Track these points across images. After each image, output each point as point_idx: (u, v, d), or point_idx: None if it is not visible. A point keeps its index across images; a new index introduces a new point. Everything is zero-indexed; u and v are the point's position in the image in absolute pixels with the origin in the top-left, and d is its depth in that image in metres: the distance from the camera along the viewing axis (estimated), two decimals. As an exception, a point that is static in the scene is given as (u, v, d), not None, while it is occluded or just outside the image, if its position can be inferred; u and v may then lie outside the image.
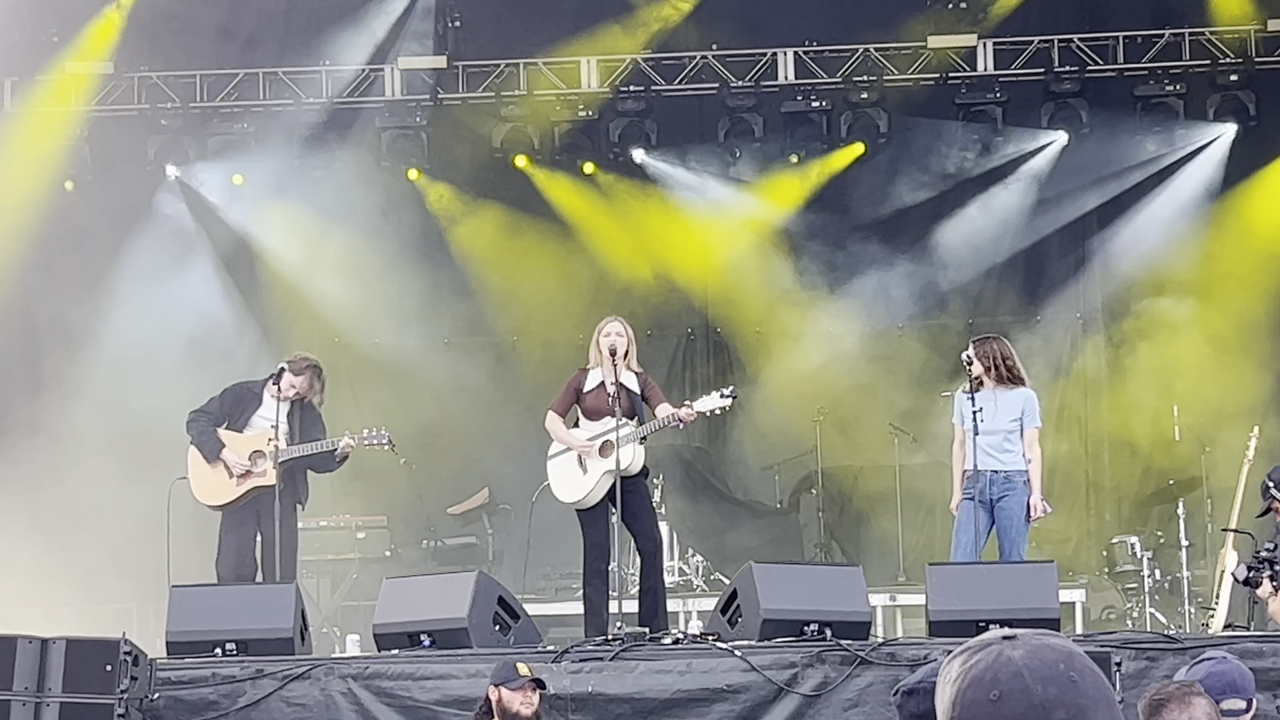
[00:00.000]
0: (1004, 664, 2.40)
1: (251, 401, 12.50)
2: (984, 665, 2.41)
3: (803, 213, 17.61)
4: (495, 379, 17.72)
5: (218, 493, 12.40)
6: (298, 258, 17.69)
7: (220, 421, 12.53)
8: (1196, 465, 15.63)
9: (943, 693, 2.45)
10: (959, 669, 2.43)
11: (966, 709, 2.39)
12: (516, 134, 17.49)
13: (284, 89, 17.34)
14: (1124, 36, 16.97)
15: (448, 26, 17.41)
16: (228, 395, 12.63)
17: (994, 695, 2.38)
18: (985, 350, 12.23)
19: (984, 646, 2.44)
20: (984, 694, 2.38)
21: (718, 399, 11.59)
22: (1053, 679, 2.38)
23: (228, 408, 12.56)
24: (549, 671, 10.00)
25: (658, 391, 11.77)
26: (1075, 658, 2.43)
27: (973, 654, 2.44)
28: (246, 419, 12.48)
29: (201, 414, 12.54)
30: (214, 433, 12.44)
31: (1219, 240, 17.05)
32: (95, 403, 16.41)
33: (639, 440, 11.48)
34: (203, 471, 12.42)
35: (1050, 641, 2.44)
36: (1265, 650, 10.05)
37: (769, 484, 17.63)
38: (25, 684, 9.91)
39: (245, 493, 12.34)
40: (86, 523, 15.41)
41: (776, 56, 17.32)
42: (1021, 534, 12.17)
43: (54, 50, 17.14)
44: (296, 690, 10.41)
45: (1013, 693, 2.37)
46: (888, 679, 10.17)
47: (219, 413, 12.55)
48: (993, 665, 2.40)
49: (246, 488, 12.34)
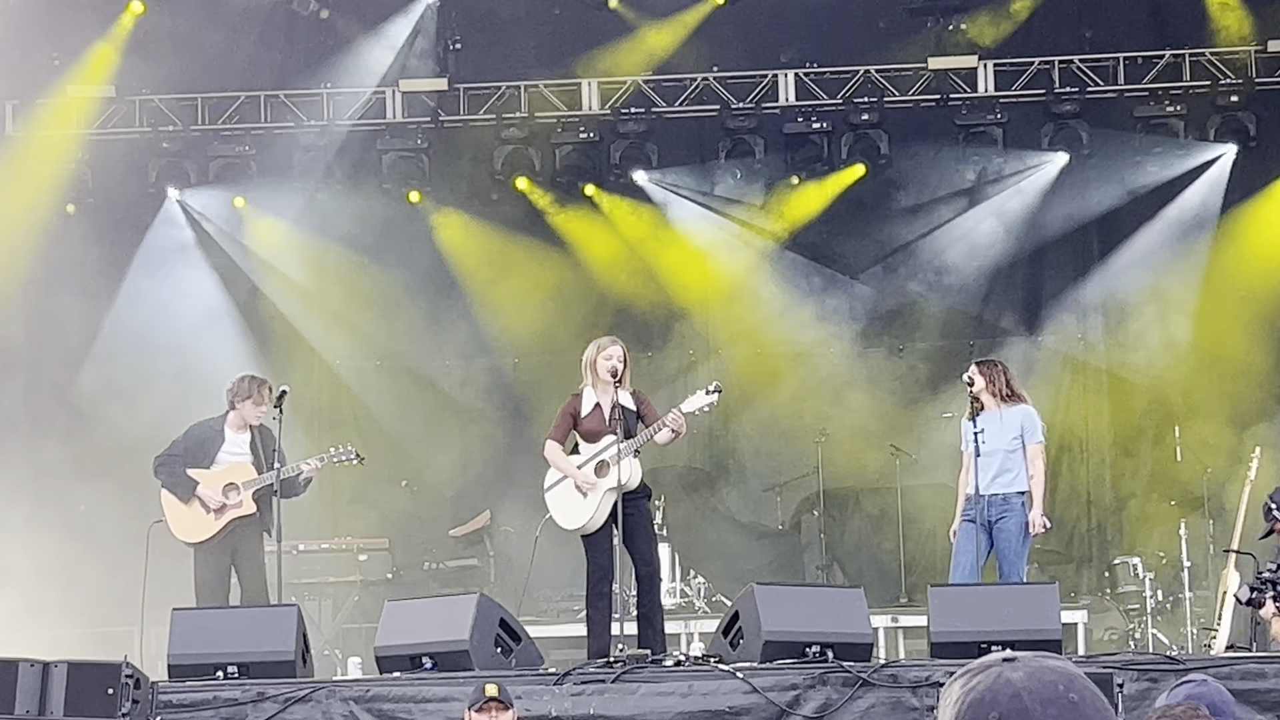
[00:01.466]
0: (1003, 685, 2.40)
1: (214, 439, 12.62)
2: (983, 687, 2.41)
3: (803, 234, 17.61)
4: (495, 400, 17.73)
5: (198, 530, 12.51)
6: (298, 280, 17.70)
7: (187, 461, 12.61)
8: (1198, 486, 15.62)
9: (944, 715, 2.45)
10: (959, 691, 2.44)
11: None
12: (517, 156, 17.51)
13: (285, 112, 17.37)
14: (1124, 57, 17.00)
15: (449, 49, 17.43)
16: (190, 435, 12.75)
17: (993, 717, 2.38)
18: (986, 370, 12.27)
19: (984, 669, 2.45)
20: (983, 714, 2.39)
21: (703, 397, 11.58)
22: (1052, 700, 2.39)
23: (192, 447, 12.65)
24: (551, 694, 9.98)
25: (653, 409, 11.76)
26: (1075, 680, 2.43)
27: (972, 676, 2.44)
28: (212, 456, 12.59)
29: (168, 457, 12.67)
30: (184, 473, 12.54)
31: (1220, 260, 17.05)
32: (96, 425, 16.42)
33: (633, 453, 11.47)
34: (179, 512, 12.54)
35: (1050, 664, 2.44)
36: (1268, 671, 10.04)
37: (770, 505, 17.62)
38: (27, 707, 9.90)
39: (224, 525, 12.43)
40: (88, 545, 15.40)
41: (777, 78, 17.34)
42: (1020, 555, 12.17)
43: (55, 73, 17.16)
44: (298, 713, 10.39)
45: (1011, 714, 2.38)
46: (890, 701, 10.16)
47: (184, 453, 12.64)
48: (992, 687, 2.40)
49: (225, 520, 12.45)
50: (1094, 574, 16.74)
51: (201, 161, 17.51)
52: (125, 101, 17.27)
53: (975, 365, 12.39)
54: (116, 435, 16.07)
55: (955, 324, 17.63)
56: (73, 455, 16.13)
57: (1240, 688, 9.73)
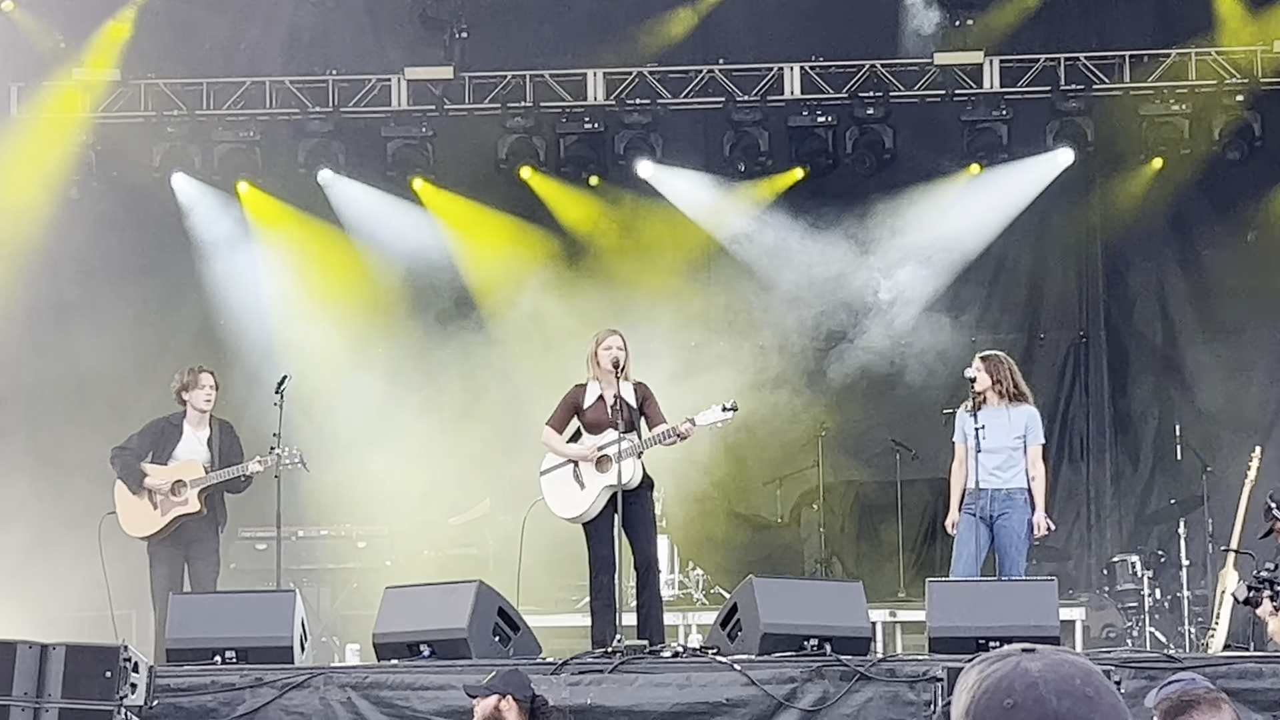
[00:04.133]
0: (1020, 674, 2.42)
1: (172, 435, 12.67)
2: (1000, 674, 2.43)
3: (806, 227, 17.59)
4: (496, 390, 17.70)
5: (144, 524, 12.55)
6: (302, 267, 17.68)
7: (143, 456, 12.64)
8: (1198, 484, 15.61)
9: (959, 700, 2.47)
10: (976, 677, 2.46)
11: (980, 714, 2.41)
12: (522, 145, 17.50)
13: (290, 98, 17.36)
14: (1130, 55, 16.99)
15: (454, 37, 17.42)
16: (148, 430, 12.82)
17: (1008, 704, 2.39)
18: (991, 366, 12.21)
19: (1002, 657, 2.47)
20: (998, 701, 2.40)
21: (719, 413, 11.58)
22: (1068, 693, 2.40)
23: (149, 443, 12.69)
24: (548, 683, 9.99)
25: (656, 402, 11.76)
26: (1093, 675, 2.45)
27: (990, 664, 2.46)
28: (169, 452, 12.63)
29: (123, 450, 12.72)
30: (137, 466, 12.59)
31: (1224, 259, 17.04)
32: (96, 408, 16.41)
33: (637, 455, 11.47)
34: (129, 505, 12.60)
35: (1069, 657, 2.46)
36: (1265, 671, 10.05)
37: (770, 498, 17.62)
38: (25, 689, 9.91)
39: (170, 522, 12.44)
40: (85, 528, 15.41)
41: (783, 71, 17.33)
42: (1021, 552, 12.16)
43: (60, 57, 17.15)
44: (295, 699, 10.41)
45: (1027, 703, 2.39)
46: (887, 695, 10.17)
47: (139, 448, 12.67)
48: (1009, 675, 2.42)
49: (171, 516, 12.49)
50: (1092, 571, 16.74)
51: (206, 146, 17.48)
52: (130, 85, 17.26)
53: (979, 360, 12.32)
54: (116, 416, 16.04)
55: (956, 320, 17.58)
56: (73, 437, 16.13)
57: (1238, 687, 9.75)
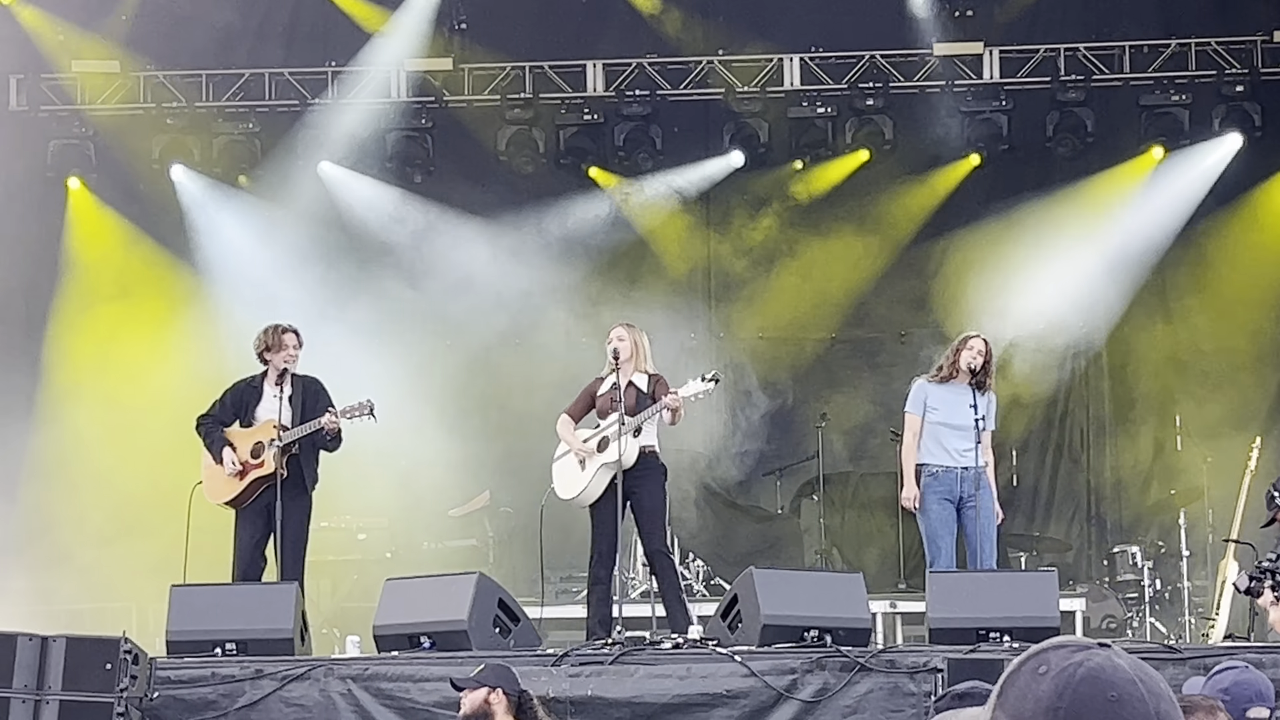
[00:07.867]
0: (1117, 669, 2.37)
1: (253, 396, 12.40)
2: (1097, 664, 2.36)
3: (807, 218, 17.58)
4: (496, 381, 17.69)
5: (222, 492, 12.29)
6: (302, 259, 17.66)
7: (228, 421, 12.44)
8: (1198, 475, 15.61)
9: (1033, 684, 2.39)
10: (1059, 662, 2.37)
11: (1081, 703, 2.34)
12: (521, 137, 17.49)
13: (290, 90, 17.35)
14: (1130, 46, 16.98)
15: (454, 29, 17.42)
16: (230, 395, 12.52)
17: (1112, 696, 2.33)
18: (988, 350, 12.19)
19: (1083, 647, 2.40)
20: (1101, 691, 2.34)
21: (699, 384, 11.67)
22: (1160, 695, 2.36)
23: (232, 406, 12.48)
24: (549, 675, 10.00)
25: (667, 391, 11.81)
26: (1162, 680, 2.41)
27: (1073, 651, 2.38)
28: (251, 414, 12.38)
29: (207, 417, 12.45)
30: (220, 432, 12.35)
31: (1223, 250, 17.03)
32: (95, 398, 16.41)
33: (633, 432, 11.54)
34: (212, 473, 12.33)
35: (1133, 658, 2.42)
36: (1265, 661, 10.04)
37: (770, 489, 17.62)
38: (25, 681, 9.91)
39: (248, 486, 12.22)
40: (88, 519, 15.42)
41: (783, 62, 17.32)
42: (993, 538, 12.08)
43: (60, 48, 17.14)
44: (296, 691, 10.42)
45: (1131, 699, 2.33)
46: (887, 686, 10.18)
47: (223, 413, 12.46)
48: (1106, 667, 2.36)
49: (247, 481, 12.18)
50: (1093, 562, 16.75)
51: (206, 138, 17.48)
52: (130, 77, 17.26)
53: (983, 340, 12.26)
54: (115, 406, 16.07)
55: (956, 311, 17.56)
56: (72, 425, 16.15)
57: (1237, 677, 9.75)
